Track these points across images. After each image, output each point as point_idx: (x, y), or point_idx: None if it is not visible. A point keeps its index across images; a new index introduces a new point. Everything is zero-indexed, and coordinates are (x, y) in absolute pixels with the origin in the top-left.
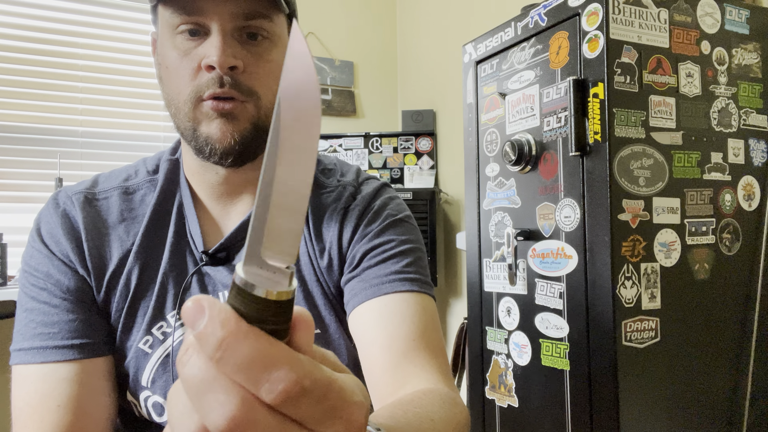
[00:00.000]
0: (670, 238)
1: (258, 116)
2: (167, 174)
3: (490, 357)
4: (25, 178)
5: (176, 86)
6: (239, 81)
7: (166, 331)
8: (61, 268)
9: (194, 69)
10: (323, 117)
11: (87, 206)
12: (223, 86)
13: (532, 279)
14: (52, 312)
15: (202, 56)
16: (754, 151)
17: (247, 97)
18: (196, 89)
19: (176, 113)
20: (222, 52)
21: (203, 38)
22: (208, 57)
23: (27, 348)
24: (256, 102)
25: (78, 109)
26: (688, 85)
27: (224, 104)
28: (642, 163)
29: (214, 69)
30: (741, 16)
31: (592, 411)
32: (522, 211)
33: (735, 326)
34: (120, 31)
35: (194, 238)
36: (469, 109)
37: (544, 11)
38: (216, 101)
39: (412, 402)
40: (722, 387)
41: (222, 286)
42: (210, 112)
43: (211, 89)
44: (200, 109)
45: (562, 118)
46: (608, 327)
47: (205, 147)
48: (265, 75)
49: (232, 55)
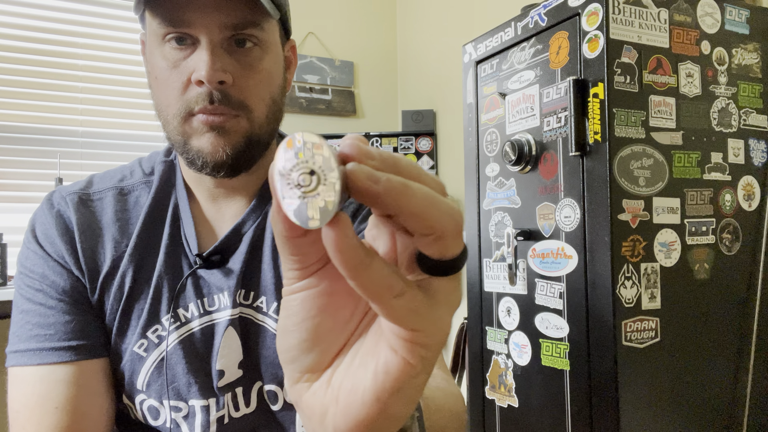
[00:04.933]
0: (670, 238)
1: (250, 129)
2: (162, 175)
3: (490, 357)
4: (25, 178)
5: (165, 99)
6: (229, 95)
7: (161, 334)
8: (56, 269)
9: (183, 82)
10: (323, 117)
11: (81, 207)
12: (213, 102)
13: (532, 279)
14: (49, 313)
15: (192, 69)
16: (754, 151)
17: (239, 110)
18: (185, 104)
19: (165, 124)
20: (211, 66)
21: (192, 47)
22: (197, 71)
23: (23, 350)
24: (248, 115)
25: (78, 109)
26: (688, 85)
27: (215, 118)
28: (642, 163)
29: (204, 84)
30: (741, 16)
31: (592, 411)
32: (522, 211)
33: (735, 326)
34: (120, 31)
35: (189, 240)
36: (469, 109)
37: (544, 11)
38: (206, 116)
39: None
40: (722, 387)
41: (217, 289)
42: (200, 126)
43: (201, 104)
44: (190, 123)
45: (562, 118)
46: (608, 327)
47: (197, 160)
48: (256, 86)
49: (221, 69)
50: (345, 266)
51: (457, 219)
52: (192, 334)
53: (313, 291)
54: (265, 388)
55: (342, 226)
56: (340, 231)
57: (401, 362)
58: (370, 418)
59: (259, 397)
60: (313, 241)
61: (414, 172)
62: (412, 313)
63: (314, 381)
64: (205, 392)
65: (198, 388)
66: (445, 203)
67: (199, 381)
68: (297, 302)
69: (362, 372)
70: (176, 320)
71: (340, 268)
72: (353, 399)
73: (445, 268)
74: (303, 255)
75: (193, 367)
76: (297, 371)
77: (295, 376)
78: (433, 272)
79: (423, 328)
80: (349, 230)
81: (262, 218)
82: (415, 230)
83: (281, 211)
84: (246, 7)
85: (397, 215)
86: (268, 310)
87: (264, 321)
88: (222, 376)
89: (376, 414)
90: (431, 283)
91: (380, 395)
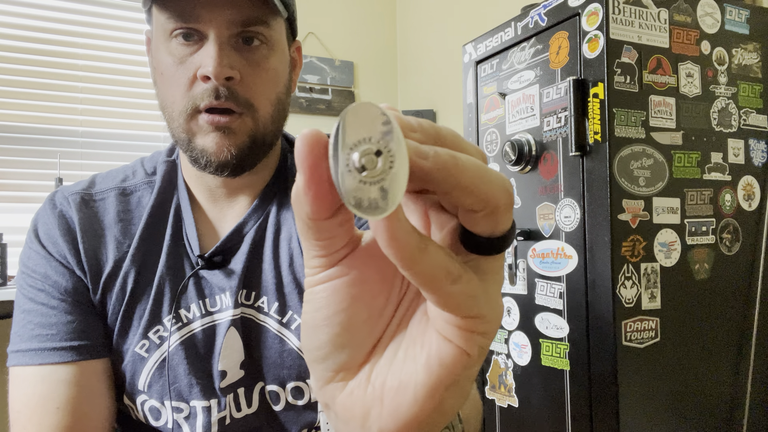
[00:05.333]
0: (670, 238)
1: (255, 129)
2: (165, 176)
3: (490, 357)
4: (25, 178)
5: (171, 95)
6: (236, 92)
7: (163, 335)
8: (58, 269)
9: (189, 78)
10: (323, 117)
11: (83, 207)
12: (219, 98)
13: (532, 279)
14: (50, 313)
15: (198, 65)
16: (754, 151)
17: (244, 109)
18: (191, 100)
19: (170, 121)
20: (218, 62)
21: (199, 43)
22: (204, 67)
23: (25, 349)
24: (254, 114)
25: (78, 109)
26: (688, 85)
27: (220, 118)
28: (642, 163)
29: (210, 79)
30: (741, 16)
31: (592, 411)
32: (522, 211)
33: (735, 326)
34: (120, 31)
35: (190, 241)
36: (469, 109)
37: (544, 11)
38: (212, 115)
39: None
40: (722, 387)
41: (218, 290)
42: (206, 125)
43: (207, 101)
44: (196, 121)
45: (562, 118)
46: (608, 327)
47: (201, 158)
48: (263, 84)
49: (228, 65)
50: (400, 255)
51: (510, 191)
52: (194, 335)
53: (344, 280)
54: (267, 389)
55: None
56: (394, 216)
57: (457, 352)
58: (424, 416)
59: (261, 397)
60: (341, 223)
61: (458, 141)
62: (470, 299)
63: (350, 379)
64: (206, 393)
65: (199, 389)
66: (496, 175)
67: (201, 382)
68: (326, 294)
69: (411, 366)
70: (178, 321)
71: (393, 257)
72: (403, 397)
73: (495, 246)
74: (330, 239)
75: (194, 368)
76: (330, 370)
77: (327, 376)
78: (481, 251)
79: (482, 314)
80: (402, 214)
81: (263, 218)
82: (465, 206)
83: (310, 192)
84: (255, 5)
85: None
86: (269, 310)
87: (265, 321)
88: (224, 376)
89: (429, 410)
90: (479, 263)
91: (435, 390)
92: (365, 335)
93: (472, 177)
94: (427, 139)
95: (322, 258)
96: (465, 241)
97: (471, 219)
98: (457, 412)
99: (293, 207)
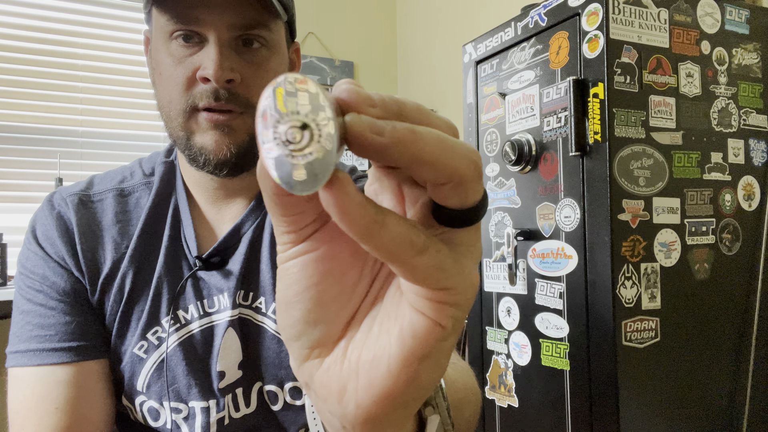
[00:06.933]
0: (670, 238)
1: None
2: (163, 177)
3: (490, 357)
4: (25, 178)
5: (169, 94)
6: (236, 93)
7: (161, 336)
8: (57, 270)
9: (188, 78)
10: None
11: (81, 208)
12: (219, 99)
13: (532, 279)
14: (49, 314)
15: (197, 65)
16: (754, 151)
17: (245, 108)
18: (190, 99)
19: (168, 121)
20: (219, 65)
21: (199, 45)
22: (204, 69)
23: (23, 350)
24: (253, 114)
25: (78, 109)
26: (688, 85)
27: (220, 116)
28: (642, 163)
29: (209, 81)
30: (741, 16)
31: (592, 411)
32: (522, 211)
33: (735, 326)
34: (120, 31)
35: (188, 242)
36: (469, 109)
37: (544, 11)
38: (211, 113)
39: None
40: (722, 387)
41: (216, 291)
42: (204, 123)
43: (206, 101)
44: (195, 119)
45: (562, 118)
46: (608, 327)
47: (199, 157)
48: (263, 85)
49: (229, 68)
50: (354, 229)
51: (476, 161)
52: (192, 336)
53: (313, 255)
54: (266, 389)
55: (341, 185)
56: (341, 190)
57: (430, 324)
58: (398, 389)
59: (259, 397)
60: (309, 198)
61: (422, 115)
62: (438, 271)
63: (326, 356)
64: (205, 394)
65: (198, 390)
66: (460, 145)
67: (199, 382)
68: (296, 269)
69: (385, 339)
70: (176, 322)
71: (348, 231)
72: (377, 370)
73: (466, 218)
74: (297, 215)
75: (193, 369)
76: (305, 347)
77: (303, 354)
78: (454, 224)
79: (452, 285)
80: (351, 187)
81: (260, 219)
82: (429, 180)
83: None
84: (255, 8)
85: (408, 167)
86: (267, 310)
87: (263, 321)
88: (222, 377)
89: (404, 383)
90: (452, 235)
91: (408, 362)
92: (338, 310)
93: (433, 150)
94: (387, 114)
95: (291, 234)
96: (436, 214)
97: (439, 192)
98: (434, 386)
99: (259, 183)
